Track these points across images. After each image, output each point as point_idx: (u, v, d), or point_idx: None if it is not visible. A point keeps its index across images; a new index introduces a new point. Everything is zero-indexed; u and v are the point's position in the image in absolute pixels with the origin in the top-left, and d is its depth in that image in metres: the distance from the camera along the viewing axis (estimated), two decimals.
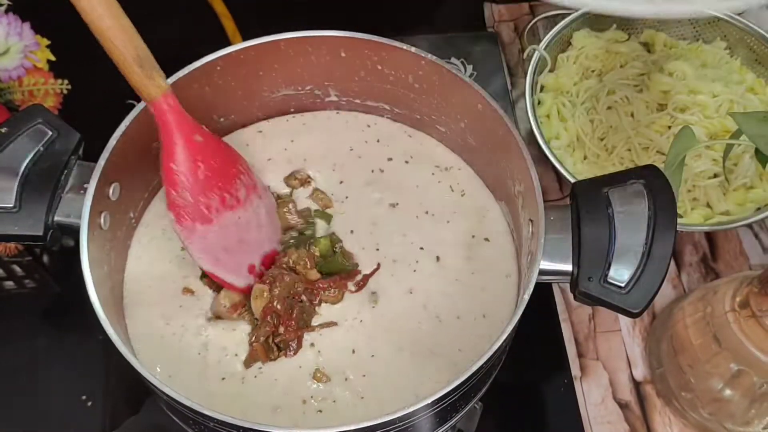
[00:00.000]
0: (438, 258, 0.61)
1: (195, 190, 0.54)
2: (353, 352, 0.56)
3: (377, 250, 0.61)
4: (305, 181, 0.64)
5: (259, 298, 0.56)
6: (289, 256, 0.59)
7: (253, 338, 0.56)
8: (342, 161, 0.65)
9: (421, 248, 0.61)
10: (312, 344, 0.57)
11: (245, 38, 0.60)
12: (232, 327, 0.57)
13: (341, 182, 0.64)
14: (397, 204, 0.63)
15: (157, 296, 0.59)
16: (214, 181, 0.55)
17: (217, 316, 0.58)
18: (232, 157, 0.58)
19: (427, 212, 0.63)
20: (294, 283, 0.57)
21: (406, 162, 0.66)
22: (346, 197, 0.63)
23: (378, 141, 0.67)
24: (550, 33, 0.87)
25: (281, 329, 0.56)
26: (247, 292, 0.57)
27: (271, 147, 0.66)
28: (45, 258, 0.79)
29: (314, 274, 0.58)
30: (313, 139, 0.67)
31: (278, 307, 0.56)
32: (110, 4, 0.47)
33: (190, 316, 0.58)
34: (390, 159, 0.65)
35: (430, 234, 0.62)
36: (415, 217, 0.63)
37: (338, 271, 0.59)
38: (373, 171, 0.65)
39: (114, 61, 0.48)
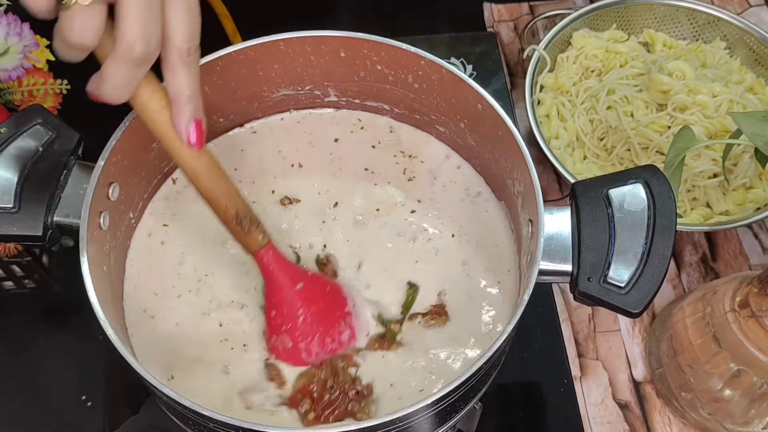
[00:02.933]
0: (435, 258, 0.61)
1: (295, 336, 0.55)
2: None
3: (377, 254, 0.61)
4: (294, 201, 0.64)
5: (302, 377, 0.55)
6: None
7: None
8: (338, 160, 0.65)
9: (418, 248, 0.61)
10: None
11: (245, 38, 0.60)
12: (234, 325, 0.57)
13: (338, 179, 0.65)
14: (395, 203, 0.63)
15: (156, 296, 0.59)
16: (316, 326, 0.56)
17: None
18: (337, 300, 0.58)
19: (425, 213, 0.63)
20: (341, 375, 0.55)
21: (403, 161, 0.66)
22: (337, 202, 0.64)
23: (378, 141, 0.67)
24: (550, 33, 0.87)
25: (311, 415, 0.53)
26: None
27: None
28: (44, 258, 0.79)
29: None
30: (306, 139, 0.67)
31: (315, 391, 0.54)
32: (212, 170, 0.50)
33: (190, 315, 0.58)
34: (388, 158, 0.66)
35: (428, 234, 0.62)
36: (413, 217, 0.63)
37: None
38: (366, 170, 0.65)
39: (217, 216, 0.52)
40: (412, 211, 0.63)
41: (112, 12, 0.42)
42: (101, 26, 0.42)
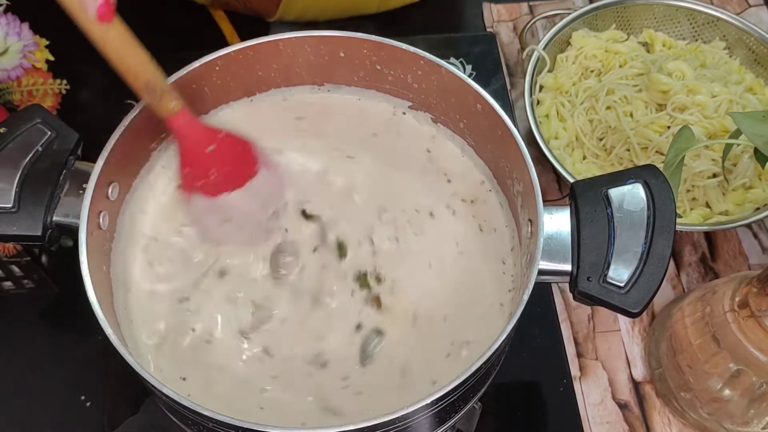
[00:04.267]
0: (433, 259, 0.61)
1: (207, 191, 0.58)
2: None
3: (374, 253, 0.61)
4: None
5: None
6: None
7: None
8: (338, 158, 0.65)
9: (418, 248, 0.61)
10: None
11: (243, 39, 0.60)
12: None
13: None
14: (396, 202, 0.63)
15: (155, 296, 0.59)
16: (226, 183, 0.59)
17: None
18: (248, 159, 0.60)
19: (424, 213, 0.63)
20: None
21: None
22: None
23: (375, 135, 0.67)
24: (549, 33, 0.87)
25: None
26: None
27: None
28: (44, 258, 0.79)
29: None
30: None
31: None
32: (121, 42, 0.50)
33: (188, 315, 0.58)
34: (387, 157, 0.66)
35: (426, 234, 0.62)
36: (411, 218, 0.63)
37: None
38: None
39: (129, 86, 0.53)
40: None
41: None
42: None
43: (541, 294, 0.78)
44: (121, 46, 0.50)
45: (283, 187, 0.62)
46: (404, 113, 0.65)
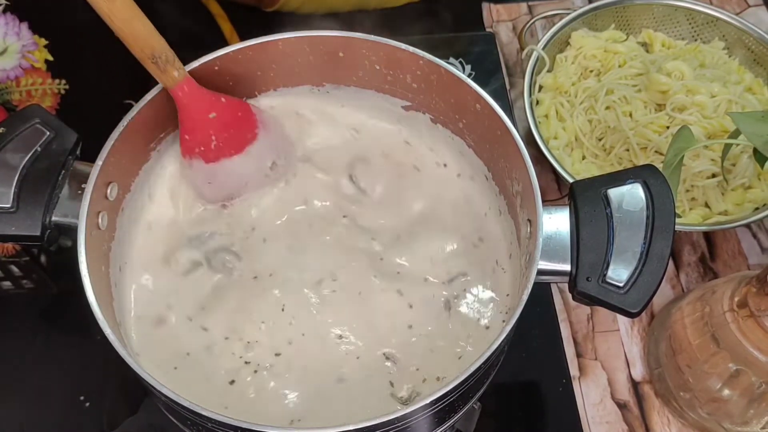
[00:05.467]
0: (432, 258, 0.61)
1: (207, 157, 0.59)
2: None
3: (374, 252, 0.61)
4: None
5: None
6: None
7: None
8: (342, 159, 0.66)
9: (416, 247, 0.61)
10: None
11: (243, 38, 0.60)
12: (233, 326, 0.57)
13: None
14: (394, 204, 0.63)
15: (154, 296, 0.59)
16: (226, 148, 0.60)
17: None
18: (248, 123, 0.61)
19: (423, 212, 0.63)
20: None
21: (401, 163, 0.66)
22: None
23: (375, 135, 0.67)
24: (549, 33, 0.87)
25: None
26: None
27: None
28: (43, 258, 0.79)
29: None
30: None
31: None
32: (126, 12, 0.52)
33: (188, 315, 0.58)
34: (387, 157, 0.66)
35: (425, 234, 0.62)
36: (410, 217, 0.63)
37: None
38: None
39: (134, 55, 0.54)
40: None
41: None
42: None
43: (541, 294, 0.78)
44: (126, 17, 0.51)
45: (283, 147, 0.63)
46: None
